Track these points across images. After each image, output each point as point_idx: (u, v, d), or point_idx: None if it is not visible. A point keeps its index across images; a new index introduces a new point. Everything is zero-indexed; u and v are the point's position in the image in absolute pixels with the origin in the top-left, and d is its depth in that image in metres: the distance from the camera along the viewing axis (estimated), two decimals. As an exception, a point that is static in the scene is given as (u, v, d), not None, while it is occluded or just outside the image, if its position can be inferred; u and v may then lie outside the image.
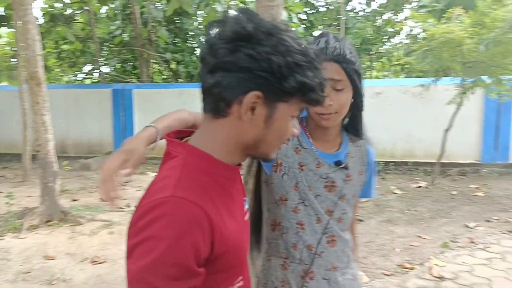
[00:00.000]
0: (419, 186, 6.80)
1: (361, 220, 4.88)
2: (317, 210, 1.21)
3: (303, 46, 0.80)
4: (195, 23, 12.20)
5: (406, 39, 13.15)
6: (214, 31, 0.81)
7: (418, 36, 8.01)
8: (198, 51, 12.82)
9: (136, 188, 6.54)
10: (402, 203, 5.75)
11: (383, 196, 6.13)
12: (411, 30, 9.41)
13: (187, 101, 9.06)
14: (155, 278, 0.72)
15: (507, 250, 4.01)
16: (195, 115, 1.10)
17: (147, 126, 0.99)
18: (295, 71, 0.78)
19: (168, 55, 11.37)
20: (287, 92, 0.80)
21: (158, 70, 14.17)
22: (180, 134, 0.96)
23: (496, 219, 4.95)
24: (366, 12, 13.91)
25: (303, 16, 12.52)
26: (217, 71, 0.79)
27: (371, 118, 8.13)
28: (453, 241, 4.26)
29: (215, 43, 0.79)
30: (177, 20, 11.53)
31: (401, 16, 13.47)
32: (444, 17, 6.45)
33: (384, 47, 14.27)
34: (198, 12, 11.59)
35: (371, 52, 13.76)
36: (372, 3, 13.66)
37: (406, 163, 8.11)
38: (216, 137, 0.84)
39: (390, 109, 8.18)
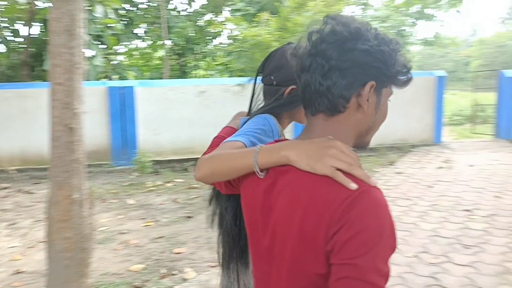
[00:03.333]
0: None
1: (190, 217, 4.98)
2: None
3: (387, 35, 0.90)
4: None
5: (228, 39, 13.90)
6: (315, 38, 0.87)
7: (236, 37, 8.53)
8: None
9: None
10: (228, 196, 6.05)
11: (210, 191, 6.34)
12: (230, 32, 9.97)
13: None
14: (385, 266, 0.76)
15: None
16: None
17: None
18: (396, 57, 0.88)
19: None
20: (392, 77, 0.89)
21: None
22: None
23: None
24: (189, 12, 14.14)
25: (122, 12, 12.00)
26: (333, 72, 0.85)
27: (197, 115, 8.38)
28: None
29: (326, 48, 0.85)
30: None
31: (221, 18, 14.08)
32: (254, 21, 7.02)
33: (208, 47, 14.71)
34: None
35: (195, 52, 14.05)
36: (193, 3, 13.94)
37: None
38: (339, 133, 0.89)
39: (214, 106, 8.52)
